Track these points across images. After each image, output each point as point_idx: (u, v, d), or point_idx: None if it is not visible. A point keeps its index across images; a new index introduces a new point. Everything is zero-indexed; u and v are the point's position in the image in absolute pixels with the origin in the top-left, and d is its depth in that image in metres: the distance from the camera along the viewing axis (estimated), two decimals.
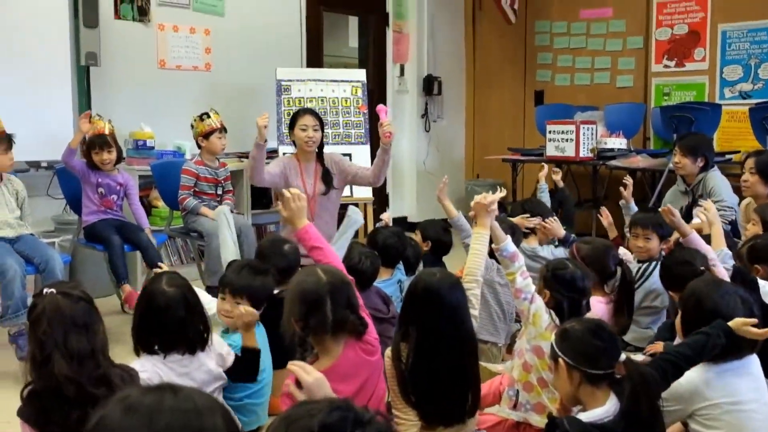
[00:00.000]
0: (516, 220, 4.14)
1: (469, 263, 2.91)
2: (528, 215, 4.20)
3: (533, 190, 7.02)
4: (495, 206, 2.89)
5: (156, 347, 2.44)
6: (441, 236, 4.27)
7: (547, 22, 8.13)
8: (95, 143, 4.55)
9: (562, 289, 2.72)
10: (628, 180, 4.70)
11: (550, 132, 6.50)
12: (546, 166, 5.32)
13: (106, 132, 4.64)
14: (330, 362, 2.36)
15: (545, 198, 5.09)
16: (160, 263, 4.33)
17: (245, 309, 2.71)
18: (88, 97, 5.60)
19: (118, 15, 5.76)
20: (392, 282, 3.66)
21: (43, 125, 5.12)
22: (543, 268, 2.86)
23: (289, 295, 2.40)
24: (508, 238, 2.82)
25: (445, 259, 4.33)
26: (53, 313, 2.14)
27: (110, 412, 1.10)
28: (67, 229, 5.19)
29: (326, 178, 4.60)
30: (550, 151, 6.51)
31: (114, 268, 4.46)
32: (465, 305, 2.53)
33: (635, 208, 4.45)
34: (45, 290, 2.23)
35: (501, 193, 2.99)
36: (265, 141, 4.35)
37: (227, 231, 4.06)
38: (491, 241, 2.85)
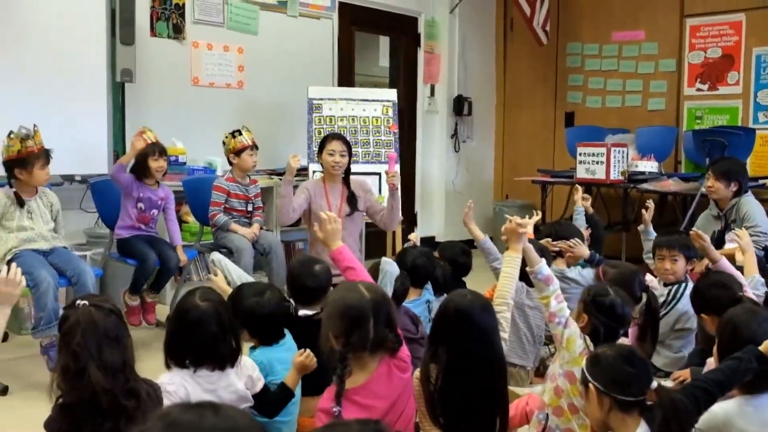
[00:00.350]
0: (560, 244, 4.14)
1: (500, 286, 2.90)
2: (550, 239, 4.16)
3: (563, 212, 7.01)
4: (526, 229, 2.88)
5: (187, 361, 2.43)
6: (458, 257, 4.24)
7: (579, 44, 8.13)
8: (154, 150, 4.61)
9: (601, 316, 2.69)
10: (650, 204, 4.66)
11: (580, 154, 6.47)
12: (580, 189, 5.29)
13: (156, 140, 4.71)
14: (364, 378, 2.35)
15: (581, 221, 5.04)
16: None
17: None
18: (122, 113, 5.67)
19: (153, 33, 5.84)
20: (421, 302, 3.65)
21: (79, 140, 5.19)
22: (584, 292, 2.83)
23: (329, 311, 2.39)
24: (543, 261, 2.80)
25: (469, 281, 4.30)
26: (87, 325, 2.15)
27: (151, 428, 1.11)
28: (98, 243, 5.25)
29: (351, 200, 4.67)
30: (581, 173, 6.47)
31: (135, 280, 4.54)
32: (495, 327, 2.52)
33: (653, 233, 4.41)
34: (78, 302, 2.24)
35: (536, 217, 2.99)
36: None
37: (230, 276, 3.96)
38: (525, 264, 2.84)
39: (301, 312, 3.10)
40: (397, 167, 4.54)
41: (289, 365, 2.80)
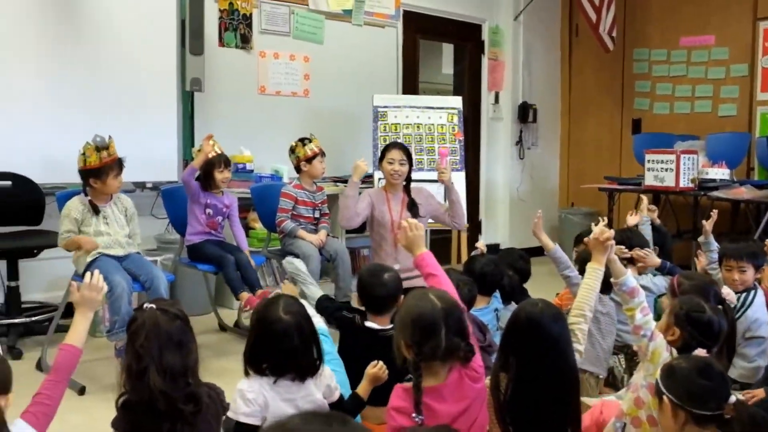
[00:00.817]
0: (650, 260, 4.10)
1: (580, 298, 2.86)
2: (623, 247, 4.11)
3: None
4: (612, 241, 2.82)
5: (266, 371, 2.42)
6: (517, 263, 4.21)
7: (646, 49, 8.00)
8: (220, 161, 4.67)
9: (695, 332, 2.63)
10: (714, 213, 4.55)
11: (649, 161, 6.36)
12: (644, 199, 5.20)
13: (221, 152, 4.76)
14: (434, 383, 2.34)
15: (647, 230, 4.97)
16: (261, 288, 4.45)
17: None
18: (191, 122, 5.80)
19: (222, 43, 5.95)
20: (489, 310, 3.64)
21: (150, 148, 5.32)
22: (676, 304, 2.78)
23: (402, 320, 2.38)
24: (628, 272, 2.74)
25: (532, 289, 4.27)
26: (151, 328, 2.19)
27: None
28: (168, 248, 5.36)
29: (412, 207, 4.67)
30: (649, 180, 6.36)
31: (229, 282, 4.52)
32: (567, 338, 2.49)
33: (715, 244, 4.30)
34: (145, 305, 2.29)
35: (603, 223, 2.95)
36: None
37: (306, 279, 3.98)
38: (609, 275, 2.80)
39: (369, 324, 3.11)
40: (447, 162, 4.56)
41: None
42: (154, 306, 2.26)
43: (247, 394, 2.35)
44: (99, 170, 4.13)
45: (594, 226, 4.74)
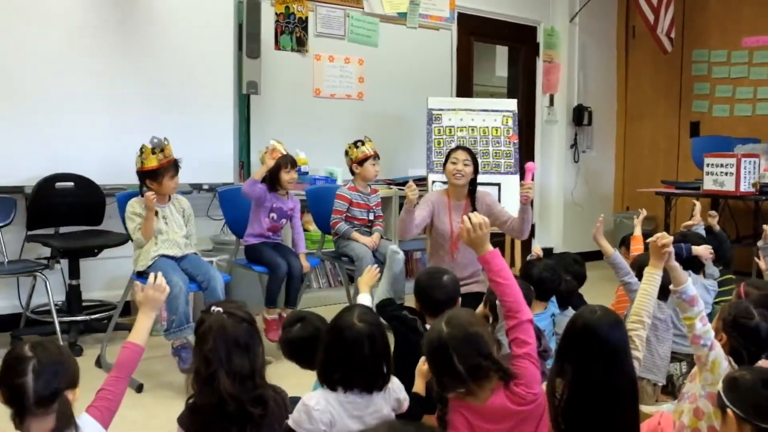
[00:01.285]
0: (700, 250, 4.06)
1: (637, 304, 2.82)
2: (709, 246, 4.08)
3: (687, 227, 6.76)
4: (671, 248, 2.77)
5: (336, 383, 2.37)
6: (571, 267, 4.13)
7: (706, 50, 7.86)
8: (287, 163, 4.67)
9: (741, 339, 2.58)
10: None
11: (707, 165, 6.24)
12: (698, 204, 5.11)
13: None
14: (474, 403, 2.31)
15: (701, 235, 4.91)
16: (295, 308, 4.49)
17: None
18: (247, 124, 5.86)
19: (278, 46, 6.01)
20: (546, 316, 3.60)
21: (206, 150, 5.39)
22: (724, 309, 2.73)
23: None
24: (689, 280, 2.69)
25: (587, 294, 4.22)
26: (219, 332, 2.20)
27: None
28: (224, 249, 5.42)
29: None
30: (708, 184, 6.25)
31: (269, 292, 4.56)
32: (625, 345, 2.44)
33: None
34: (213, 308, 2.29)
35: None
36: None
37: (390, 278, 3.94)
38: (668, 283, 2.75)
39: (428, 326, 3.10)
40: (532, 179, 4.28)
41: None
42: (221, 309, 2.26)
43: (314, 412, 2.31)
44: (155, 172, 4.21)
45: (636, 219, 4.70)
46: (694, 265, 4.08)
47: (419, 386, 2.72)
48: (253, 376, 2.23)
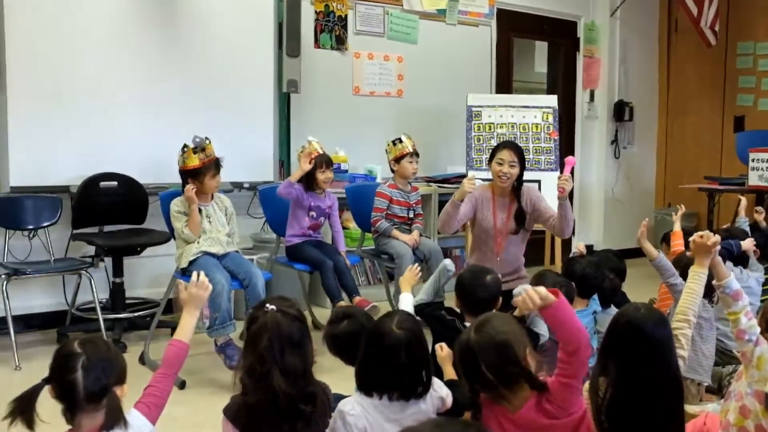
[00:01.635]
0: (746, 244, 4.03)
1: (683, 302, 2.79)
2: (753, 240, 4.05)
3: (731, 222, 6.65)
4: (718, 247, 2.74)
5: (373, 388, 2.37)
6: (614, 267, 4.08)
7: (752, 43, 7.71)
8: (322, 162, 4.69)
9: None
10: None
11: (753, 160, 6.14)
12: (743, 199, 5.03)
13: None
14: (509, 411, 2.28)
15: (746, 230, 4.84)
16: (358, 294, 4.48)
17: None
18: (287, 123, 5.89)
19: (317, 44, 6.03)
20: (588, 313, 3.56)
21: (247, 148, 5.44)
22: (766, 307, 2.68)
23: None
24: (732, 275, 2.65)
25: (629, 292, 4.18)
26: (274, 330, 2.22)
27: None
28: (264, 247, 5.46)
29: (519, 217, 4.31)
30: (753, 180, 6.14)
31: (328, 289, 4.56)
32: (669, 344, 2.41)
33: None
34: (267, 306, 2.29)
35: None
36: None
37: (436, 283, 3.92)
38: (711, 278, 2.72)
39: (468, 324, 3.09)
40: (569, 172, 4.06)
41: None
42: (274, 307, 2.27)
43: (348, 417, 2.31)
44: (197, 171, 4.26)
45: (674, 216, 4.64)
46: (742, 260, 4.04)
47: (449, 372, 2.72)
48: (304, 374, 2.24)
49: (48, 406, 2.03)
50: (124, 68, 5.04)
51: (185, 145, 4.28)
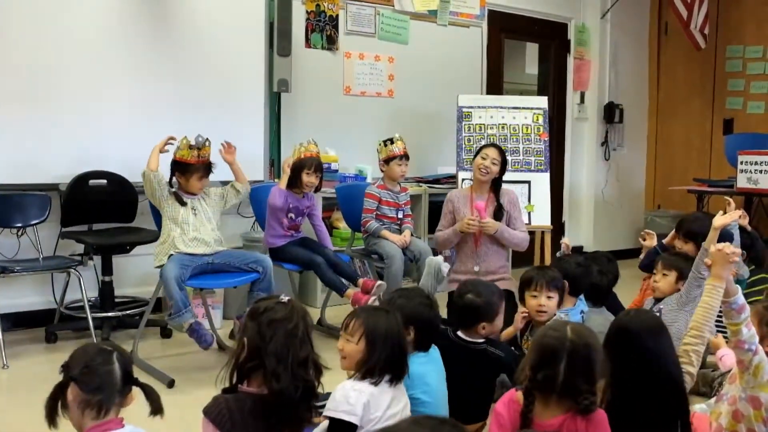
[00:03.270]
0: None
1: (698, 318, 2.75)
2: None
3: None
4: (736, 258, 2.68)
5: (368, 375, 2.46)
6: (604, 267, 4.09)
7: (740, 46, 7.76)
8: (311, 164, 4.65)
9: None
10: None
11: (741, 162, 6.17)
12: (731, 201, 5.05)
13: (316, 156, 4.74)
14: (544, 421, 2.23)
15: (736, 233, 4.85)
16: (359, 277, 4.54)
17: None
18: (278, 122, 5.89)
19: (308, 44, 6.03)
20: (575, 311, 3.57)
21: (237, 147, 5.34)
22: (759, 311, 2.70)
23: (532, 343, 2.32)
24: (739, 289, 2.64)
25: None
26: (271, 324, 2.23)
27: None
28: (254, 246, 5.43)
29: (498, 212, 4.57)
30: (741, 182, 6.17)
31: (330, 284, 4.59)
32: (664, 352, 2.42)
33: None
34: (282, 297, 2.33)
35: (731, 207, 2.88)
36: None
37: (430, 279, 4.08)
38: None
39: (460, 334, 3.13)
40: (486, 217, 4.46)
41: (427, 380, 2.78)
42: (271, 302, 2.30)
43: (351, 392, 2.37)
44: (185, 166, 4.27)
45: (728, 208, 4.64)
46: None
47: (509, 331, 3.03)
48: (306, 365, 2.25)
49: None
50: (115, 67, 5.02)
51: (184, 137, 4.27)
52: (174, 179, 4.36)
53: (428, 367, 2.82)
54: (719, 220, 3.38)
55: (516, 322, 3.49)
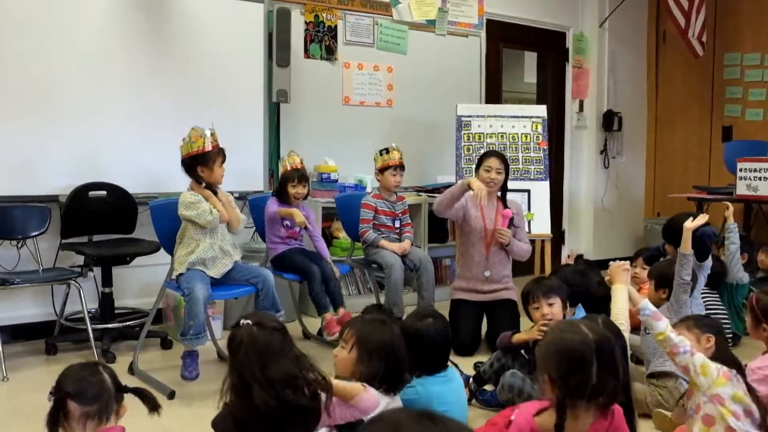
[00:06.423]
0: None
1: (612, 314, 2.96)
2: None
3: (719, 231, 6.69)
4: (629, 269, 3.04)
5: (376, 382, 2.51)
6: (601, 278, 4.10)
7: (738, 54, 7.77)
8: (294, 176, 4.64)
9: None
10: None
11: (741, 170, 6.18)
12: (730, 206, 5.07)
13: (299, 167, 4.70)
14: (571, 428, 2.17)
15: (734, 238, 4.88)
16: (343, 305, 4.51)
17: None
18: (277, 132, 5.90)
19: (307, 54, 6.04)
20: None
21: (237, 158, 5.34)
22: (753, 299, 2.79)
23: (545, 352, 2.23)
24: (645, 298, 2.83)
25: None
26: (249, 345, 2.24)
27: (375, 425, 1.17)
28: (254, 257, 5.43)
29: (510, 225, 4.68)
30: (741, 189, 6.18)
31: (315, 298, 4.51)
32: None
33: None
34: (242, 321, 2.33)
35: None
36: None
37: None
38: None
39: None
40: (509, 225, 4.66)
41: (447, 399, 2.79)
42: (249, 322, 2.30)
43: (372, 389, 2.47)
44: (206, 156, 4.04)
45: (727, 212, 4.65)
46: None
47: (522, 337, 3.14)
48: (295, 379, 2.25)
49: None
50: (114, 78, 5.04)
51: (192, 129, 4.09)
52: (196, 173, 4.11)
53: (447, 386, 2.83)
54: (689, 224, 3.68)
55: (533, 333, 3.45)
